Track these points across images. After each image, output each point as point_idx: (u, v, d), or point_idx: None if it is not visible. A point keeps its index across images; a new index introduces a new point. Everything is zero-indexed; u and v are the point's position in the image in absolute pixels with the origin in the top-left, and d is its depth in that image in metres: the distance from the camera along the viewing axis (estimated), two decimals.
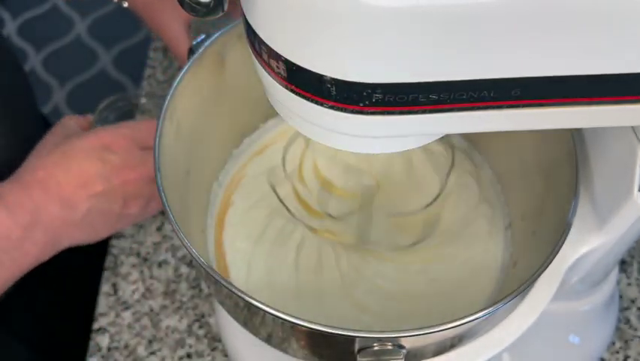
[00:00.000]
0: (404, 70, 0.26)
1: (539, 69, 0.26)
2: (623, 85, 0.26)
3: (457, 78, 0.26)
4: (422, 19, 0.24)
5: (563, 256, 0.42)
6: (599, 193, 0.42)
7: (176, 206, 0.40)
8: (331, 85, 0.26)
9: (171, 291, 0.59)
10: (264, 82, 0.30)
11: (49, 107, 1.55)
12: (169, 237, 0.62)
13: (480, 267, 0.50)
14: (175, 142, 0.44)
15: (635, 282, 0.59)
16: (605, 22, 0.24)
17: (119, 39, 1.67)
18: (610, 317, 0.55)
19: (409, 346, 0.37)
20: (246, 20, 0.28)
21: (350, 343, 0.37)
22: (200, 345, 0.57)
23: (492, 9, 0.23)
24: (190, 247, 0.38)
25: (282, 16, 0.25)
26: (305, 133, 0.34)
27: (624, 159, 0.38)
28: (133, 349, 0.57)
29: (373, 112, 0.27)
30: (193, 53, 0.46)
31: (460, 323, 0.36)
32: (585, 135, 0.44)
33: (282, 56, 0.26)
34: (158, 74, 0.73)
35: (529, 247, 0.46)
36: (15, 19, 1.69)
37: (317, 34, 0.25)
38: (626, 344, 0.56)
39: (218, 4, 0.26)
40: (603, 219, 0.42)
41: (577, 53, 0.25)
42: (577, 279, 0.46)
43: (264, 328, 0.40)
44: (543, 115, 0.28)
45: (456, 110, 0.27)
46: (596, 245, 0.42)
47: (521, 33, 0.24)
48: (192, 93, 0.46)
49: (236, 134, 0.55)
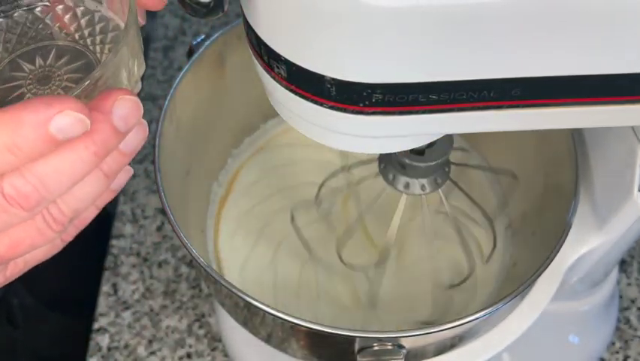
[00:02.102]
0: (404, 70, 0.26)
1: (539, 69, 0.26)
2: (624, 85, 0.26)
3: (457, 78, 0.26)
4: (422, 19, 0.24)
5: (563, 256, 0.42)
6: (599, 193, 0.42)
7: (176, 206, 0.40)
8: (331, 85, 0.26)
9: (171, 291, 0.59)
10: (264, 82, 0.30)
11: None
12: (169, 237, 0.62)
13: (480, 267, 0.49)
14: (175, 142, 0.44)
15: (635, 282, 0.59)
16: (604, 23, 0.24)
17: None
18: (610, 317, 0.55)
19: (409, 346, 0.37)
20: (246, 20, 0.28)
21: (350, 343, 0.37)
22: (200, 345, 0.57)
23: (491, 9, 0.23)
24: (190, 247, 0.38)
25: (282, 16, 0.25)
26: (305, 133, 0.34)
27: (624, 159, 0.38)
28: (133, 349, 0.57)
29: (373, 112, 0.27)
30: (193, 53, 0.46)
31: (460, 323, 0.36)
32: (585, 135, 0.44)
33: (282, 56, 0.26)
34: (158, 74, 0.73)
35: (529, 247, 0.46)
36: None
37: (317, 34, 0.25)
38: (626, 344, 0.56)
39: (218, 4, 0.26)
40: (603, 219, 0.42)
41: (577, 53, 0.25)
42: (577, 279, 0.46)
43: (264, 328, 0.40)
44: (543, 115, 0.28)
45: (456, 110, 0.27)
46: (596, 245, 0.42)
47: (521, 33, 0.24)
48: (192, 93, 0.46)
49: (236, 134, 0.55)
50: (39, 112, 0.23)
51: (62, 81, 0.30)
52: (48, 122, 0.23)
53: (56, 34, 0.32)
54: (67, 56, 0.31)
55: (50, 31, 0.32)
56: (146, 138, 0.28)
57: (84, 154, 0.25)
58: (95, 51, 0.31)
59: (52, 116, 0.23)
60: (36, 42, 0.32)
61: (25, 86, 0.30)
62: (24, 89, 0.30)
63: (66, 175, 0.25)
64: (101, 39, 0.32)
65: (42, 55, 0.31)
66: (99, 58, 0.31)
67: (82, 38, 0.32)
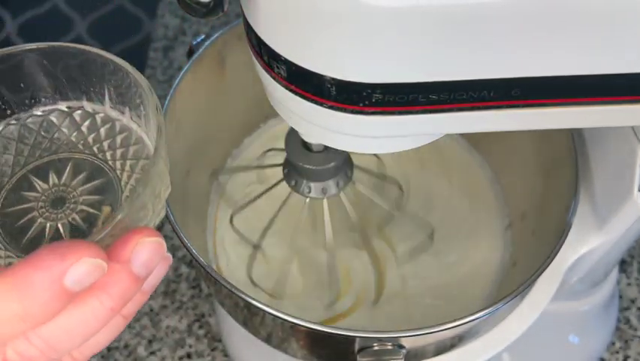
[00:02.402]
0: (404, 70, 0.26)
1: (539, 69, 0.26)
2: (624, 85, 0.26)
3: (457, 78, 0.26)
4: (422, 19, 0.24)
5: (563, 256, 0.42)
6: (599, 193, 0.42)
7: (176, 206, 0.40)
8: (331, 85, 0.26)
9: (171, 291, 0.59)
10: (265, 82, 0.30)
11: None
12: (169, 237, 0.62)
13: (480, 267, 0.49)
14: (175, 142, 0.44)
15: (635, 282, 0.59)
16: (604, 23, 0.24)
17: (119, 39, 1.67)
18: (610, 317, 0.55)
19: (409, 346, 0.37)
20: (246, 20, 0.28)
21: (350, 343, 0.37)
22: (200, 345, 0.57)
23: (492, 9, 0.23)
24: (190, 247, 0.38)
25: (282, 16, 0.25)
26: (305, 133, 0.34)
27: (624, 159, 0.38)
28: (133, 349, 0.57)
29: (373, 112, 0.27)
30: (193, 53, 0.46)
31: (460, 323, 0.36)
32: (585, 135, 0.44)
33: (282, 56, 0.26)
34: (158, 74, 0.73)
35: (529, 247, 0.46)
36: (15, 19, 1.69)
37: (317, 34, 0.25)
38: (626, 344, 0.56)
39: (218, 4, 0.26)
40: (603, 219, 0.41)
41: (576, 53, 0.25)
42: (577, 279, 0.46)
43: (264, 328, 0.40)
44: (543, 115, 0.28)
45: (456, 110, 0.27)
46: (596, 245, 0.42)
47: (521, 33, 0.24)
48: (192, 93, 0.46)
49: (236, 134, 0.55)
50: (52, 268, 0.20)
51: (78, 204, 0.27)
52: (62, 276, 0.20)
53: (72, 145, 0.28)
54: (84, 172, 0.28)
55: (66, 141, 0.28)
56: (168, 269, 0.25)
57: (99, 311, 0.22)
58: (115, 167, 0.28)
59: (66, 269, 0.20)
60: (50, 154, 0.28)
61: (37, 209, 0.27)
62: (35, 213, 0.27)
63: (78, 335, 0.22)
64: (122, 153, 0.28)
65: (56, 170, 0.28)
66: (119, 176, 0.27)
67: (101, 151, 0.28)
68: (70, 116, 0.29)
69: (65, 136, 0.29)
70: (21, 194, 0.27)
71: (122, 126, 0.28)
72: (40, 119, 0.29)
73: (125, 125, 0.28)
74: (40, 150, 0.28)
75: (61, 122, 0.29)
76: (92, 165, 0.28)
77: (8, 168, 0.28)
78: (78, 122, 0.29)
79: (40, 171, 0.28)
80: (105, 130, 0.28)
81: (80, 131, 0.28)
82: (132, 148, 0.28)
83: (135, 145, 0.28)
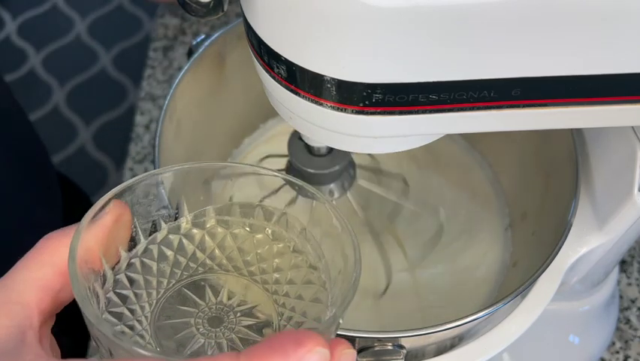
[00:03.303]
0: (404, 70, 0.26)
1: (539, 69, 0.26)
2: (623, 85, 0.26)
3: (457, 78, 0.26)
4: (422, 19, 0.24)
5: (563, 256, 0.42)
6: (599, 193, 0.42)
7: None
8: (331, 85, 0.26)
9: None
10: (264, 82, 0.30)
11: (49, 107, 1.55)
12: None
13: (480, 267, 0.49)
14: (175, 142, 0.44)
15: (635, 282, 0.59)
16: (604, 23, 0.24)
17: (119, 39, 1.67)
18: (610, 317, 0.55)
19: (409, 346, 0.37)
20: (246, 21, 0.28)
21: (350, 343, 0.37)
22: None
23: (492, 10, 0.23)
24: None
25: (282, 16, 0.25)
26: (305, 133, 0.34)
27: (624, 159, 0.38)
28: None
29: (373, 112, 0.27)
30: (193, 53, 0.46)
31: (460, 323, 0.35)
32: (585, 135, 0.44)
33: (282, 56, 0.26)
34: (158, 74, 0.73)
35: (529, 247, 0.46)
36: (15, 19, 1.69)
37: (317, 34, 0.25)
38: (626, 344, 0.56)
39: (218, 4, 0.26)
40: (603, 219, 0.41)
41: (576, 53, 0.25)
42: (577, 279, 0.46)
43: None
44: (543, 115, 0.28)
45: (456, 110, 0.27)
46: (596, 245, 0.42)
47: (521, 33, 0.24)
48: (192, 93, 0.46)
49: (236, 134, 0.55)
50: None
51: (235, 325, 0.26)
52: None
53: (225, 264, 0.28)
54: (239, 292, 0.27)
55: (223, 260, 0.28)
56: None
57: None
58: (273, 290, 0.27)
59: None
60: (205, 271, 0.28)
61: (194, 325, 0.26)
62: (193, 329, 0.26)
63: None
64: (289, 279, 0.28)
65: (212, 288, 0.27)
66: (277, 301, 0.27)
67: (255, 273, 0.28)
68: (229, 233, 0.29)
69: (221, 255, 0.28)
70: (177, 307, 0.27)
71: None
72: (199, 231, 0.28)
73: None
74: (197, 265, 0.28)
75: (221, 239, 0.28)
76: (247, 285, 0.28)
77: (164, 279, 0.27)
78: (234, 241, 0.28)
79: (195, 288, 0.27)
80: (264, 251, 0.28)
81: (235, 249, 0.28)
82: (304, 287, 0.28)
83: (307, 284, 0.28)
